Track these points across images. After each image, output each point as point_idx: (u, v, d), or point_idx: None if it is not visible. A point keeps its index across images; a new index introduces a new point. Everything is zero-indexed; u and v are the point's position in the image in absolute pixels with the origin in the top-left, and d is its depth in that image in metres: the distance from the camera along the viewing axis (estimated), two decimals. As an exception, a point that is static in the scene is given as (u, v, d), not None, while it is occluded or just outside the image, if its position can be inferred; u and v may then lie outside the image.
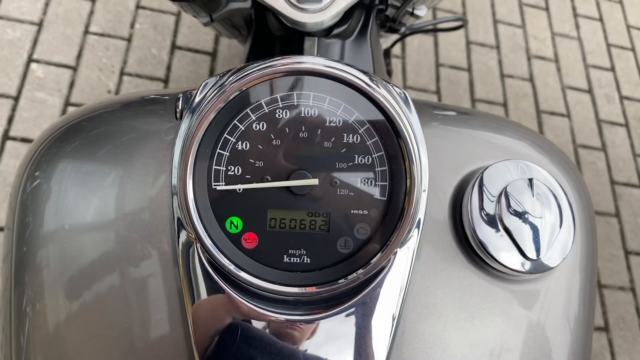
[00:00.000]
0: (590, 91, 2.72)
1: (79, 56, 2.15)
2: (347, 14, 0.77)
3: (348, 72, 0.50)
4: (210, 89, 0.53)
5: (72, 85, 2.09)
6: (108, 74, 2.14)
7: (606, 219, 2.41)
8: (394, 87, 0.56)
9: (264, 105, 0.50)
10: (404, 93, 0.57)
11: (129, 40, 2.23)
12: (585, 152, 2.54)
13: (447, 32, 1.32)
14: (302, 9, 0.60)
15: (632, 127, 2.68)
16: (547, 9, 2.87)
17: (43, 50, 2.12)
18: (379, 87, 0.51)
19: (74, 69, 2.12)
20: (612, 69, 2.83)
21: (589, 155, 2.54)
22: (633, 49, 2.92)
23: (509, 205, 0.56)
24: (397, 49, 2.48)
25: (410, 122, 0.53)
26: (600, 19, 2.96)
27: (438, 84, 2.47)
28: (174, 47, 2.26)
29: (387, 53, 1.55)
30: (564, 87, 2.68)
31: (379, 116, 0.51)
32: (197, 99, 0.53)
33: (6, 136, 1.95)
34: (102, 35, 2.20)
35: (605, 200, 2.45)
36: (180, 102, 0.54)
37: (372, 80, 0.52)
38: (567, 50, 2.79)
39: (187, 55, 2.26)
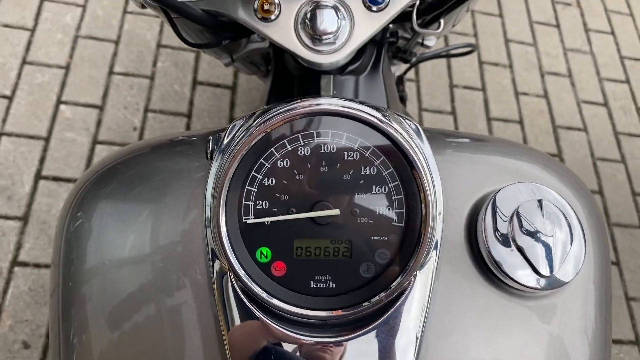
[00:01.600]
0: (606, 104, 2.73)
1: (104, 96, 2.24)
2: (360, 51, 0.82)
3: (362, 111, 0.55)
4: (237, 130, 0.58)
5: (99, 124, 2.18)
6: (133, 111, 2.23)
7: (630, 231, 2.39)
8: (406, 120, 0.61)
9: (287, 144, 0.55)
10: (416, 125, 0.61)
11: (151, 78, 2.32)
12: (605, 165, 2.54)
13: (458, 57, 1.37)
14: (318, 51, 0.65)
15: (651, 138, 2.67)
16: (557, 25, 2.90)
17: (71, 91, 2.22)
18: (392, 122, 0.56)
19: (101, 108, 2.21)
20: (627, 80, 2.83)
21: (608, 167, 2.53)
22: (647, 60, 2.93)
23: (521, 226, 0.59)
24: (411, 73, 2.53)
25: (422, 152, 0.57)
26: (612, 32, 2.98)
27: (453, 104, 2.51)
28: (195, 82, 2.34)
29: (400, 80, 1.60)
30: (579, 102, 2.69)
31: (392, 148, 0.55)
32: (226, 141, 0.58)
33: (39, 176, 2.03)
34: (126, 74, 2.30)
35: (628, 212, 2.44)
36: (211, 143, 0.59)
37: (384, 115, 0.56)
38: (580, 64, 2.81)
39: (208, 90, 2.33)
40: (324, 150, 0.55)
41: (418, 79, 2.54)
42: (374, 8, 0.64)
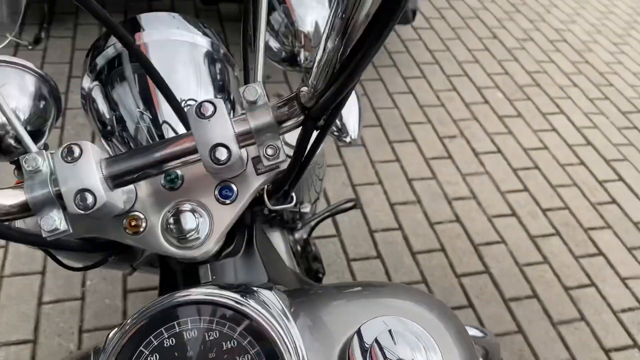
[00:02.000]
0: (514, 214, 2.95)
1: (36, 328, 2.22)
2: (230, 237, 0.92)
3: (217, 296, 0.63)
4: (112, 339, 0.64)
5: (33, 358, 2.13)
6: (67, 336, 2.20)
7: (574, 325, 2.46)
8: (262, 290, 0.69)
9: (153, 340, 0.62)
10: (274, 293, 0.70)
11: (82, 298, 2.34)
12: (531, 269, 2.68)
13: (344, 212, 1.52)
14: (186, 247, 0.75)
15: (563, 233, 2.87)
16: (450, 156, 3.22)
17: (1, 333, 2.19)
18: (248, 300, 0.64)
19: (34, 341, 2.18)
20: (526, 188, 3.11)
21: (534, 271, 2.67)
22: (536, 167, 3.25)
23: (384, 357, 0.66)
24: (331, 229, 2.68)
25: (279, 320, 0.66)
26: (499, 151, 3.33)
27: (377, 248, 2.65)
28: (125, 292, 2.37)
29: (307, 242, 1.72)
30: (490, 218, 2.90)
31: (245, 320, 0.63)
32: (104, 352, 0.64)
33: None
34: (56, 302, 2.31)
35: (567, 308, 2.53)
36: (92, 357, 0.65)
37: (242, 296, 0.65)
38: (480, 185, 3.08)
39: (140, 295, 2.37)
40: (187, 336, 0.62)
41: (339, 232, 2.69)
42: (227, 201, 0.76)
